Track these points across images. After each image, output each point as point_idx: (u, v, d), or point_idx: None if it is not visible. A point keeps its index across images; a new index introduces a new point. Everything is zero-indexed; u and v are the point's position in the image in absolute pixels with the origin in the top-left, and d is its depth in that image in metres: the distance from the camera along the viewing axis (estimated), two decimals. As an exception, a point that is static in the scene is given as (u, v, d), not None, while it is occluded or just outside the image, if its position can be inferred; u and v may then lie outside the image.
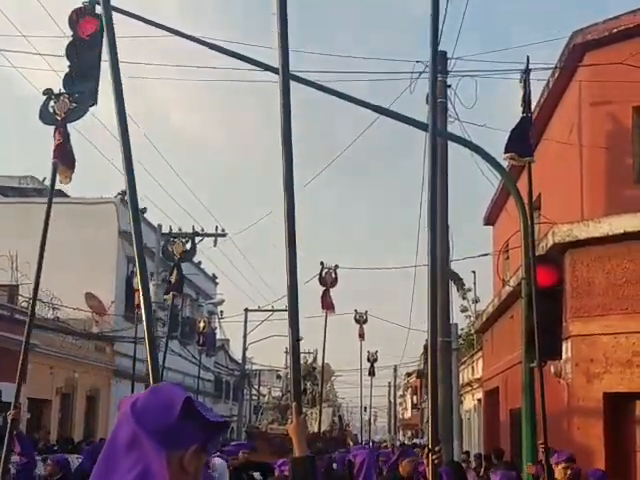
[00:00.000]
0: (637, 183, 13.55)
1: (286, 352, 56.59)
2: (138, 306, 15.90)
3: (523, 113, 11.63)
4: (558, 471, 9.25)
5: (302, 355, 51.42)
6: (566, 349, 13.33)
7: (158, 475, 2.13)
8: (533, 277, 11.36)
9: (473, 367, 31.72)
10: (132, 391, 18.12)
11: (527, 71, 11.20)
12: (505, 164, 17.46)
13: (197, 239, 31.56)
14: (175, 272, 12.10)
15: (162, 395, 2.28)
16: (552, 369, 12.52)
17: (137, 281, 16.42)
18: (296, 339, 4.21)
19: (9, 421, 6.31)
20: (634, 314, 12.76)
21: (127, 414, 2.22)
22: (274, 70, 12.36)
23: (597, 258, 13.37)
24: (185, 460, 2.21)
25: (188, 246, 12.61)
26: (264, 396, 40.42)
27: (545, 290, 11.50)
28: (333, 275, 24.20)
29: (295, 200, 4.07)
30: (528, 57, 11.08)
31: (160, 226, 31.50)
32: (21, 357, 6.38)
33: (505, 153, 12.01)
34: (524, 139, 11.56)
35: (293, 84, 5.62)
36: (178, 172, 77.98)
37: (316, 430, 28.38)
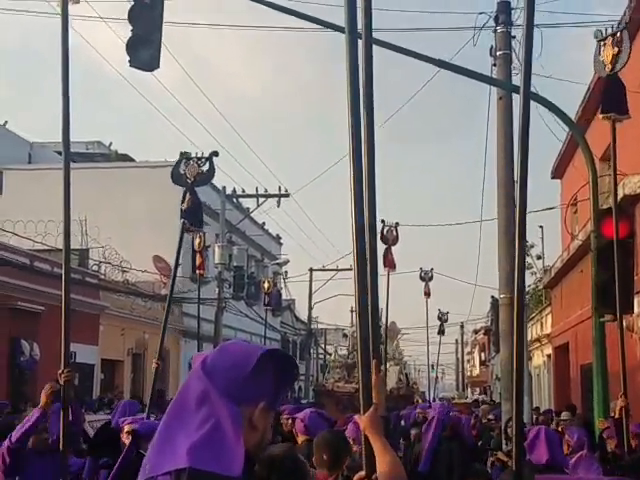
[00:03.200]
0: None
1: (352, 311, 56.79)
2: (199, 267, 15.70)
3: (611, 71, 11.44)
4: None
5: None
6: (638, 303, 13.11)
7: (229, 431, 2.12)
8: (616, 230, 11.15)
9: (542, 323, 31.44)
10: (199, 351, 18.37)
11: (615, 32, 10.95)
12: (573, 116, 17.13)
13: (260, 200, 31.72)
14: (187, 198, 9.86)
15: (233, 351, 2.27)
16: (624, 323, 12.28)
17: (197, 243, 15.86)
18: (375, 294, 4.13)
19: (62, 383, 6.21)
20: None
21: (197, 371, 2.22)
22: (339, 29, 12.28)
23: (669, 209, 13.08)
24: (255, 416, 2.21)
25: (205, 168, 10.02)
26: (330, 355, 40.74)
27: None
28: (394, 233, 24.10)
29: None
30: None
31: (224, 188, 31.66)
32: (62, 316, 6.29)
33: (603, 113, 11.80)
34: (620, 97, 11.39)
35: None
36: (240, 133, 78.20)
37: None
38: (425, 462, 9.10)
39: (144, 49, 9.94)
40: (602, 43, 11.55)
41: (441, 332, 39.87)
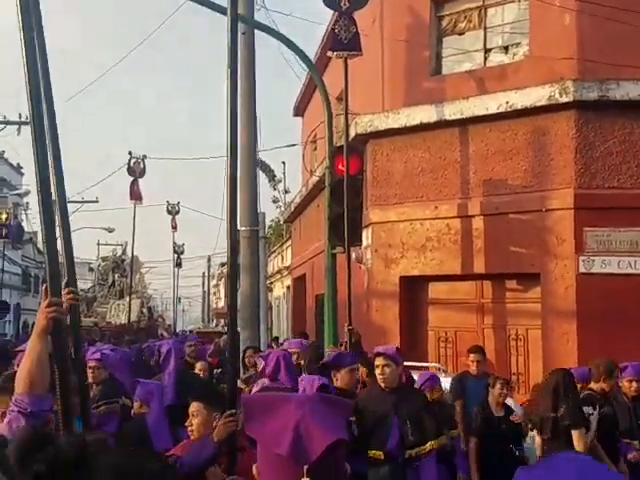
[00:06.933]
0: (433, 75, 14.03)
1: (98, 244, 55.80)
2: None
3: (347, 9, 11.97)
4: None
5: (111, 247, 50.87)
6: (366, 236, 13.91)
7: None
8: (347, 167, 11.75)
9: (283, 256, 32.46)
10: None
11: None
12: (312, 56, 17.63)
13: (-1, 127, 30.10)
14: None
15: None
16: (353, 255, 13.05)
17: None
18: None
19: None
20: (428, 202, 13.45)
21: None
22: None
23: (396, 148, 13.89)
24: None
25: None
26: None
27: (348, 179, 11.88)
28: (141, 165, 23.91)
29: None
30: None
31: (-44, 113, 29.72)
32: None
33: (333, 51, 12.30)
34: (353, 36, 11.93)
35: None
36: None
37: (124, 322, 28.46)
38: (171, 395, 9.20)
39: None
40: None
41: (179, 265, 40.36)
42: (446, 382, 9.74)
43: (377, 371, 6.82)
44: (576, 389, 7.13)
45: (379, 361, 6.87)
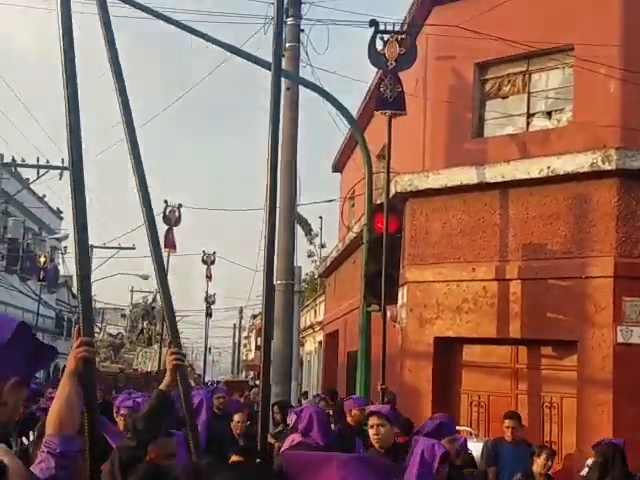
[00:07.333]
0: (474, 137, 14.05)
1: (132, 290, 56.07)
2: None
3: (394, 69, 12.17)
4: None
5: (142, 294, 51.03)
6: (402, 295, 13.83)
7: None
8: (386, 225, 11.84)
9: (316, 310, 32.34)
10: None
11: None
12: (354, 113, 17.76)
13: (41, 171, 30.52)
14: None
15: None
16: (388, 313, 12.98)
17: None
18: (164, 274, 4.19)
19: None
20: (465, 263, 13.37)
21: None
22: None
23: (435, 208, 13.87)
24: (5, 391, 2.17)
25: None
26: (99, 333, 40.10)
27: (386, 237, 11.91)
28: (177, 214, 24.10)
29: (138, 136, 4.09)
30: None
31: (1, 156, 30.22)
32: None
33: (377, 110, 12.50)
34: (398, 94, 12.11)
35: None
36: (21, 98, 74.71)
37: (150, 369, 28.47)
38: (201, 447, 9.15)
39: None
40: (381, 36, 12.29)
41: (209, 315, 40.37)
42: (477, 447, 9.58)
43: (371, 431, 6.54)
44: (624, 462, 6.99)
45: (373, 420, 6.55)
